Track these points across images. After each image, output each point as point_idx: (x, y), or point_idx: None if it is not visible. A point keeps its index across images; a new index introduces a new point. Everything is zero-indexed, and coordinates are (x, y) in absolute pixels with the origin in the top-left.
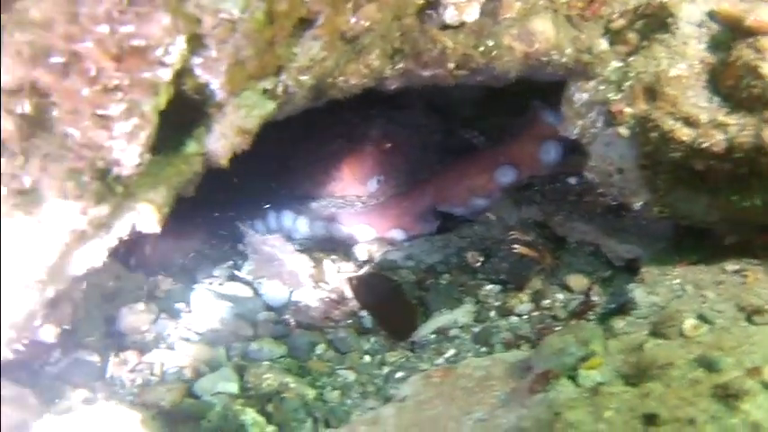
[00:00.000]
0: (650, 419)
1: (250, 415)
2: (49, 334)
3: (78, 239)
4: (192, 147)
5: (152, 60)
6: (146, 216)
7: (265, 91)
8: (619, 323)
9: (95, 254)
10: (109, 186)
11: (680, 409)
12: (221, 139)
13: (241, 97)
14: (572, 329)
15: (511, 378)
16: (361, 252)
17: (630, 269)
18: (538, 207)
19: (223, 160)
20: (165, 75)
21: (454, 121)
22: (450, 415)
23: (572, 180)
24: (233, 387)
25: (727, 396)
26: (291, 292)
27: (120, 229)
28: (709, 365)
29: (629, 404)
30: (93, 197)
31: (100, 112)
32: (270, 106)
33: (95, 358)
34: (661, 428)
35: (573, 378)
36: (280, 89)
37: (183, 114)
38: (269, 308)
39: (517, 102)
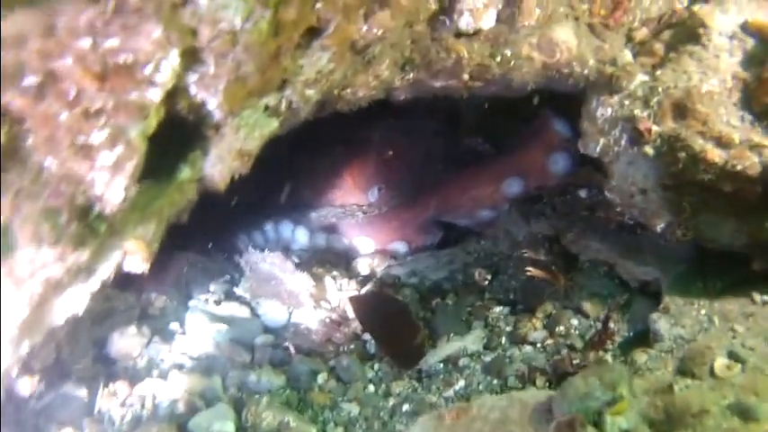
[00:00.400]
0: None
1: None
2: (25, 386)
3: (55, 289)
4: (186, 173)
5: (140, 79)
6: (133, 255)
7: (267, 108)
8: (641, 357)
9: (76, 301)
10: (90, 227)
11: None
12: (219, 164)
13: (241, 117)
14: (596, 370)
15: (530, 423)
16: (362, 266)
17: (647, 292)
18: (547, 221)
19: (220, 185)
20: (155, 95)
21: (458, 127)
22: None
23: (582, 193)
24: (230, 427)
25: None
26: (291, 312)
27: (104, 272)
28: (744, 413)
29: None
30: (71, 241)
31: (80, 139)
32: (272, 125)
33: (83, 392)
34: None
35: (598, 425)
36: (283, 105)
37: (176, 138)
38: (267, 330)
39: (524, 108)
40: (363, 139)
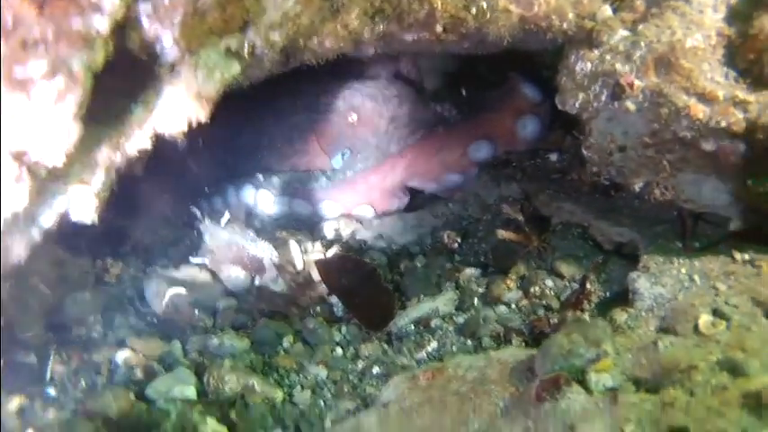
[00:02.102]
0: None
1: (211, 425)
2: None
3: None
4: (137, 115)
5: (84, 5)
6: (80, 202)
7: (229, 51)
8: (621, 316)
9: (16, 250)
10: (29, 168)
11: (709, 422)
12: (175, 108)
13: (199, 56)
14: (579, 327)
15: (510, 382)
16: (327, 230)
17: (622, 254)
18: (518, 185)
19: (177, 133)
20: (102, 25)
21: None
22: (443, 425)
23: (553, 157)
24: (190, 391)
25: (760, 406)
26: (254, 277)
27: (47, 220)
28: (734, 369)
29: (652, 416)
30: (8, 182)
31: (18, 71)
32: (234, 69)
33: (33, 359)
34: None
35: (582, 382)
36: (246, 49)
37: (127, 77)
38: (229, 294)
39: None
40: (327, 104)
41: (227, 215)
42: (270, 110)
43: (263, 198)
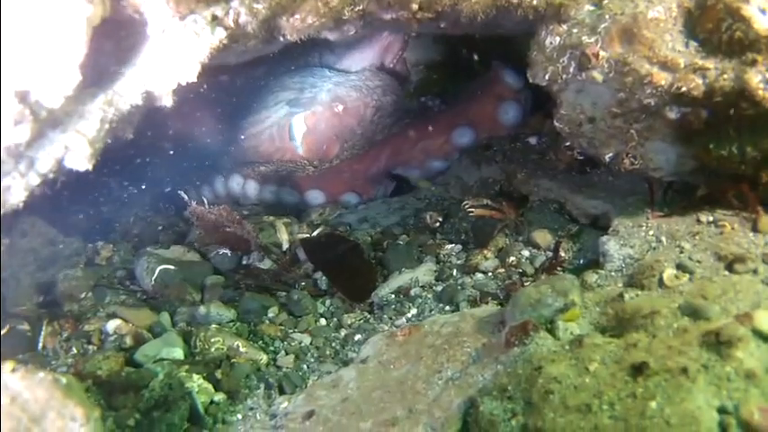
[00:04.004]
0: (639, 370)
1: (197, 382)
2: None
3: None
4: (130, 76)
5: None
6: (75, 149)
7: (215, 18)
8: (592, 277)
9: (15, 193)
10: (31, 108)
11: (670, 358)
12: (164, 69)
13: (187, 21)
14: (547, 280)
15: (482, 333)
16: (313, 215)
17: (597, 226)
18: (498, 166)
19: (166, 94)
20: None
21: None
22: (418, 375)
23: (532, 140)
24: (178, 353)
25: (719, 344)
26: (241, 257)
27: (44, 165)
28: (695, 313)
29: (615, 356)
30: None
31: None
32: (219, 35)
33: (26, 327)
34: (651, 379)
35: (551, 331)
36: (231, 17)
37: (120, 42)
38: (217, 272)
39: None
40: (313, 95)
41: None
42: (256, 103)
43: (251, 187)
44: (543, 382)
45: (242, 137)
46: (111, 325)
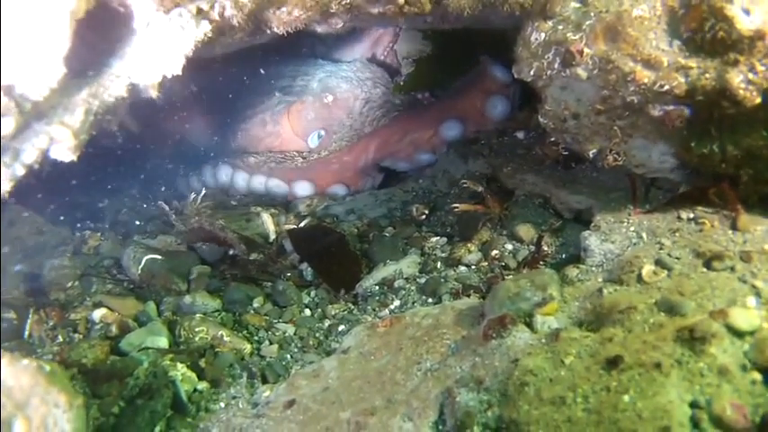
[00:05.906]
0: (614, 364)
1: (180, 370)
2: None
3: None
4: (115, 68)
5: None
6: (60, 141)
7: (200, 11)
8: (573, 271)
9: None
10: (16, 100)
11: (644, 353)
12: (150, 62)
13: (172, 15)
14: (527, 275)
15: (461, 326)
16: (301, 206)
17: (580, 221)
18: (485, 160)
19: (152, 87)
20: None
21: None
22: (398, 366)
23: (520, 135)
24: (162, 341)
25: (693, 339)
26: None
27: (29, 156)
28: (671, 309)
29: (591, 349)
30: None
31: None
32: (204, 28)
33: (12, 315)
34: (625, 373)
35: (529, 324)
36: (216, 11)
37: (106, 34)
38: (204, 262)
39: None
40: (302, 86)
41: (203, 193)
42: (245, 92)
43: (239, 178)
44: (519, 374)
45: (232, 120)
46: (97, 314)
